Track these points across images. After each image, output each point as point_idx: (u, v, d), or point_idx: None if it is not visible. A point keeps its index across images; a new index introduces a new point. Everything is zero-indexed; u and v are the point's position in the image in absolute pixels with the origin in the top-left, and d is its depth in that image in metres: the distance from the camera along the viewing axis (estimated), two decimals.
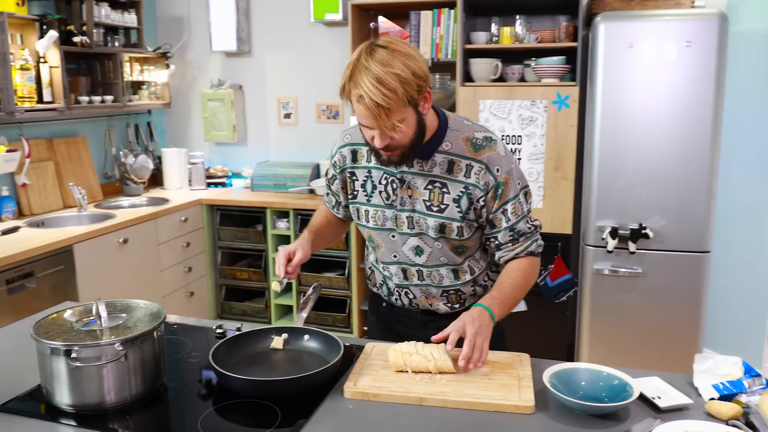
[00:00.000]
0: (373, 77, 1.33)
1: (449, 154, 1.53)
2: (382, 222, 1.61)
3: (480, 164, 1.51)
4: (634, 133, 2.97)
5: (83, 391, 1.28)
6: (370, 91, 1.33)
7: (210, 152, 4.50)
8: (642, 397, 1.31)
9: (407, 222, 1.58)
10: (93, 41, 3.51)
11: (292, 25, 4.12)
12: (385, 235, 1.63)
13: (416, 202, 1.56)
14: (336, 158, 1.68)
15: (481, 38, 3.35)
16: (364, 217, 1.64)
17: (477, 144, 1.53)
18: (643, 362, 3.09)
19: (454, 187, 1.53)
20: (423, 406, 1.30)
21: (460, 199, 1.53)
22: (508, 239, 1.57)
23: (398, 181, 1.56)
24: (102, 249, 3.12)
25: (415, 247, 1.60)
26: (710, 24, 2.78)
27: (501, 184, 1.52)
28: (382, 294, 1.75)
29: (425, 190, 1.55)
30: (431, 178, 1.54)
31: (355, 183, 1.64)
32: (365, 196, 1.62)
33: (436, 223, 1.54)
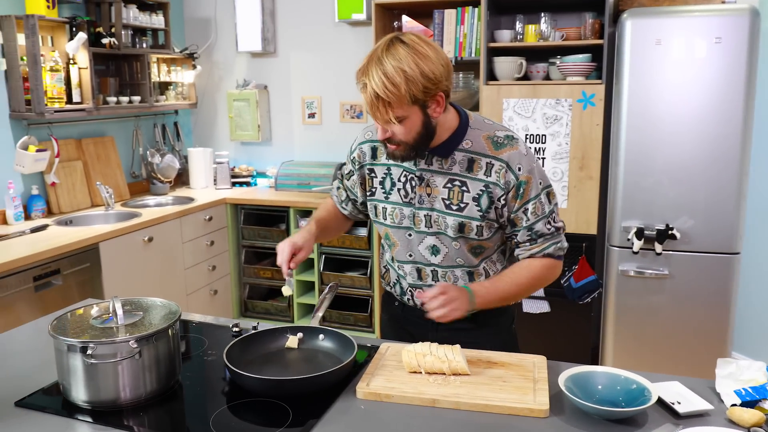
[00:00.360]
0: (381, 70, 1.34)
1: (469, 152, 1.51)
2: (400, 220, 1.60)
3: (501, 162, 1.49)
4: (661, 132, 2.90)
5: (99, 387, 1.29)
6: (373, 81, 1.35)
7: (235, 152, 4.54)
8: (661, 402, 1.28)
9: (425, 220, 1.56)
10: (121, 43, 3.57)
11: (316, 25, 4.13)
12: (401, 234, 1.61)
13: (435, 200, 1.54)
14: (355, 154, 1.68)
15: (506, 36, 3.31)
16: (381, 214, 1.63)
17: (498, 142, 1.51)
18: (669, 366, 3.02)
19: (474, 186, 1.51)
20: (435, 407, 1.29)
21: (480, 198, 1.51)
22: (525, 239, 1.55)
23: (417, 178, 1.55)
24: (127, 247, 3.17)
25: (432, 246, 1.58)
26: (741, 20, 2.70)
27: (523, 183, 1.49)
28: (395, 293, 1.74)
29: (444, 188, 1.53)
30: (450, 176, 1.52)
31: (373, 180, 1.64)
32: (383, 194, 1.62)
33: (455, 222, 1.53)
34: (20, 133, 3.25)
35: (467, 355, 1.45)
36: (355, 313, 3.85)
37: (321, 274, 3.89)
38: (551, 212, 1.55)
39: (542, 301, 3.35)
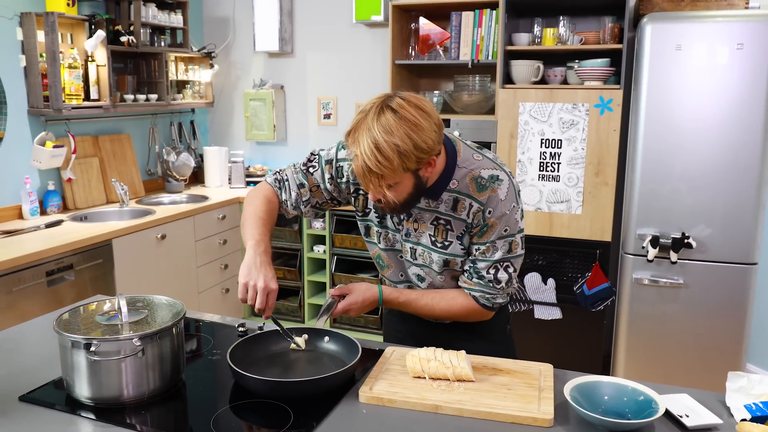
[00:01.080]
0: (372, 141, 1.30)
1: (454, 192, 1.50)
2: (392, 243, 1.63)
3: (479, 204, 1.49)
4: (680, 139, 2.86)
5: (102, 384, 1.29)
6: (364, 154, 1.31)
7: (250, 151, 4.55)
8: (669, 414, 1.25)
9: (410, 252, 1.60)
10: (140, 41, 3.60)
11: (334, 26, 4.13)
12: (394, 256, 1.65)
13: (421, 235, 1.56)
14: (346, 167, 1.61)
15: (523, 39, 3.28)
16: (375, 236, 1.65)
17: (481, 184, 1.48)
18: (682, 377, 2.98)
19: (458, 225, 1.52)
20: (438, 413, 1.27)
21: (463, 237, 1.53)
22: (466, 269, 1.57)
23: (405, 213, 1.56)
24: (140, 244, 3.19)
25: (417, 275, 1.63)
26: (764, 26, 2.65)
27: (488, 226, 1.49)
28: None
29: (431, 225, 1.55)
30: (437, 214, 1.53)
31: (367, 201, 1.62)
32: (377, 217, 1.62)
33: (440, 259, 1.56)
34: (38, 129, 3.28)
35: (472, 361, 1.43)
36: (365, 315, 3.84)
37: (333, 275, 3.89)
38: (501, 261, 1.52)
39: (554, 308, 3.32)
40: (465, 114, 3.48)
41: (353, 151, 1.34)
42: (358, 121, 1.35)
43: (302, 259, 3.96)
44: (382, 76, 4.00)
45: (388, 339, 1.81)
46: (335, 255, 3.88)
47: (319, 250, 3.94)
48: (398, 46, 3.57)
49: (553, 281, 3.27)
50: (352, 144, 1.35)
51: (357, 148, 1.33)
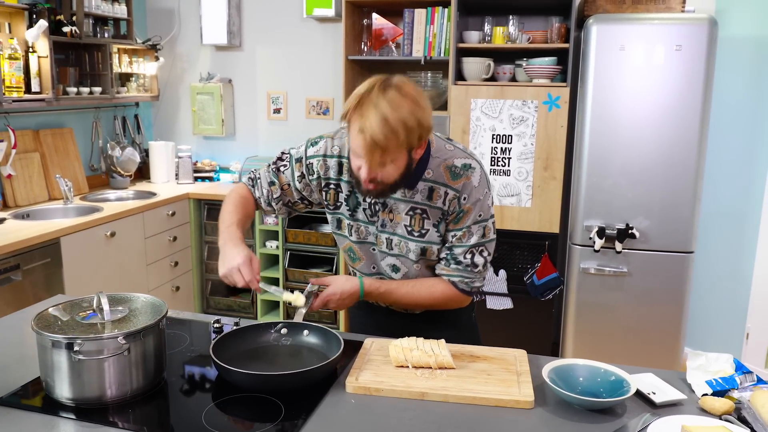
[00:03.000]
0: (380, 115, 1.34)
1: (430, 182, 1.56)
2: (365, 236, 1.65)
3: (455, 192, 1.55)
4: (622, 135, 3.01)
5: (84, 384, 1.27)
6: (372, 127, 1.34)
7: (198, 146, 4.47)
8: (638, 392, 1.34)
9: (386, 243, 1.63)
10: (82, 32, 3.47)
11: (283, 20, 4.11)
12: (366, 249, 1.67)
13: (397, 226, 1.60)
14: (315, 163, 1.63)
15: (474, 37, 3.37)
16: (346, 229, 1.66)
17: (455, 172, 1.55)
18: (627, 359, 3.14)
19: (434, 214, 1.57)
20: (424, 400, 1.32)
21: (439, 224, 1.58)
22: (443, 256, 1.62)
23: (380, 204, 1.60)
24: (89, 242, 3.09)
25: (392, 266, 1.66)
26: (700, 28, 2.83)
27: (463, 212, 1.56)
28: None
29: (407, 215, 1.58)
30: (413, 204, 1.57)
31: (338, 195, 1.65)
32: (348, 210, 1.64)
33: (417, 248, 1.60)
34: None
35: (451, 349, 1.48)
36: (319, 311, 3.84)
37: (286, 270, 3.88)
38: (477, 245, 1.58)
39: (506, 298, 3.43)
40: None
41: (358, 126, 1.36)
42: (360, 97, 1.37)
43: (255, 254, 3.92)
44: (334, 71, 4.01)
45: (354, 331, 1.83)
46: (288, 250, 3.87)
47: (272, 246, 3.92)
48: (351, 42, 3.59)
49: (504, 272, 3.38)
50: (358, 119, 1.36)
51: (364, 122, 1.35)
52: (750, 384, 1.35)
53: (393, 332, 1.63)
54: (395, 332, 1.62)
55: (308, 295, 1.58)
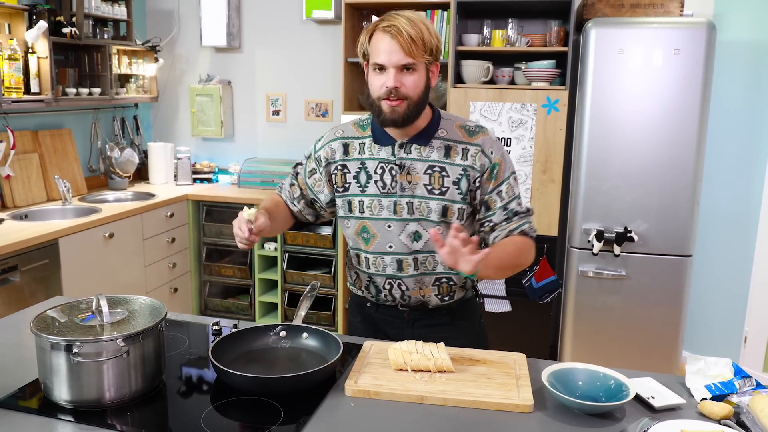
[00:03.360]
0: (407, 17, 1.47)
1: (445, 140, 1.59)
2: (378, 211, 1.63)
3: (476, 147, 1.58)
4: (621, 138, 3.02)
5: (83, 386, 1.27)
6: (401, 23, 1.45)
7: (196, 147, 4.47)
8: (637, 397, 1.34)
9: (407, 208, 1.60)
10: (82, 33, 3.47)
11: (283, 22, 4.11)
12: (381, 225, 1.64)
13: (416, 187, 1.59)
14: (322, 152, 1.69)
15: (473, 40, 3.37)
16: (357, 208, 1.65)
17: (470, 130, 1.62)
18: (625, 363, 3.14)
19: (453, 170, 1.58)
20: (424, 404, 1.31)
21: (460, 181, 1.58)
22: (502, 218, 1.62)
23: (397, 167, 1.59)
24: (88, 243, 3.09)
25: (414, 233, 1.61)
26: (698, 32, 2.83)
27: (496, 165, 1.59)
28: (368, 296, 1.74)
29: (425, 174, 1.59)
30: (430, 162, 1.59)
31: (346, 175, 1.65)
32: (359, 187, 1.64)
33: (438, 206, 1.58)
34: None
35: (450, 353, 1.48)
36: (318, 312, 3.85)
37: (284, 272, 3.88)
38: (519, 195, 1.65)
39: (504, 301, 3.43)
40: None
41: (384, 25, 1.47)
42: (378, 20, 1.52)
43: (253, 256, 3.93)
44: (333, 73, 4.02)
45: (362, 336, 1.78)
46: (287, 252, 3.87)
47: (270, 248, 3.92)
48: (350, 44, 3.59)
49: None
50: (383, 22, 1.48)
51: (391, 21, 1.47)
52: (749, 388, 1.35)
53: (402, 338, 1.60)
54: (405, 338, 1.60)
55: (312, 286, 1.70)
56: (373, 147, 1.63)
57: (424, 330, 1.68)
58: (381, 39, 1.47)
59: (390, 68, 1.47)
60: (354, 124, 1.70)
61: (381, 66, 1.48)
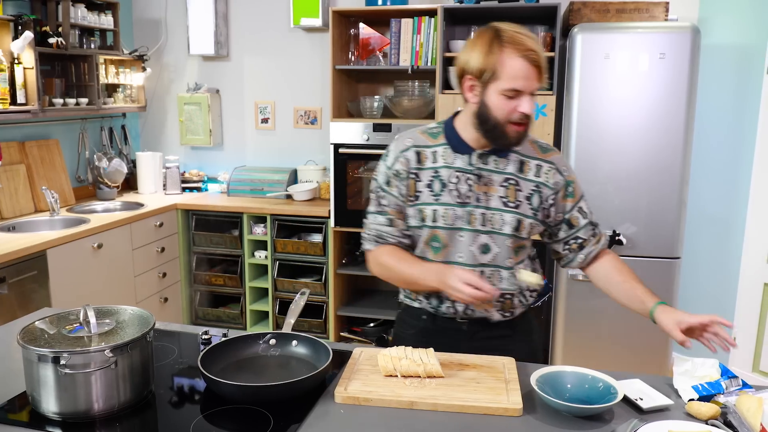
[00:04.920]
0: (532, 38, 1.45)
1: (520, 154, 1.60)
2: (453, 221, 1.59)
3: (550, 164, 1.60)
4: (608, 142, 3.04)
5: (71, 398, 1.26)
6: (537, 48, 1.44)
7: (185, 156, 4.46)
8: (625, 398, 1.35)
9: (480, 219, 1.58)
10: (68, 43, 3.46)
11: (271, 30, 4.12)
12: (452, 235, 1.60)
13: (491, 198, 1.58)
14: (398, 165, 1.62)
15: (460, 47, 3.38)
16: (430, 217, 1.59)
17: (543, 147, 1.64)
18: (615, 365, 3.16)
19: (526, 185, 1.59)
20: (413, 409, 1.32)
21: (532, 197, 1.59)
22: (590, 234, 1.66)
23: (475, 177, 1.58)
24: (76, 254, 3.07)
25: (483, 245, 1.59)
26: (683, 37, 2.87)
27: (570, 182, 1.62)
28: (428, 306, 1.68)
29: (501, 186, 1.58)
30: (505, 175, 1.58)
31: (417, 184, 1.61)
32: (432, 196, 1.60)
33: (513, 219, 1.58)
34: None
35: (440, 358, 1.48)
36: (309, 320, 3.84)
37: (275, 280, 3.87)
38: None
39: None
40: (405, 119, 3.56)
41: (523, 50, 1.43)
42: (492, 38, 1.46)
43: (243, 265, 3.92)
44: (321, 80, 4.02)
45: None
46: (277, 260, 3.86)
47: (261, 256, 3.91)
48: (338, 51, 3.60)
49: None
50: (519, 44, 1.43)
51: (530, 44, 1.44)
52: (736, 388, 1.36)
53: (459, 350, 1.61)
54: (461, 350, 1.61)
55: (302, 294, 1.72)
56: (448, 155, 1.59)
57: (482, 342, 1.65)
58: (519, 64, 1.42)
59: (526, 94, 1.45)
60: (422, 132, 1.65)
61: (517, 91, 1.44)
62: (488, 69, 1.45)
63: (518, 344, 1.67)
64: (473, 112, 1.53)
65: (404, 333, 1.76)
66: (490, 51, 1.44)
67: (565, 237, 1.67)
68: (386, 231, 1.65)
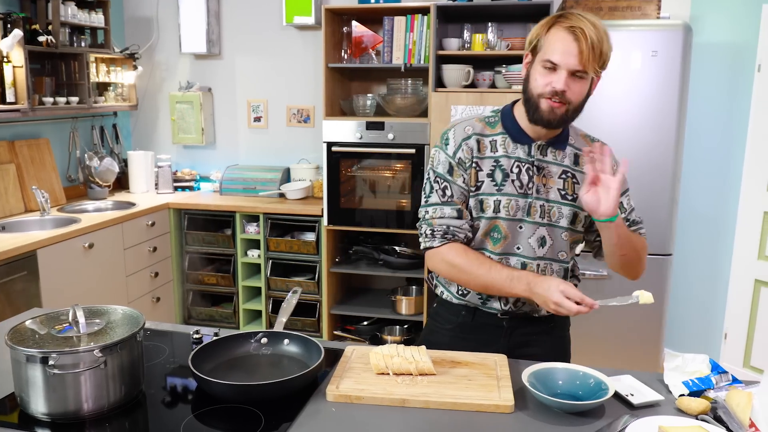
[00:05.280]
0: (593, 22, 1.41)
1: (574, 147, 1.61)
2: (514, 212, 1.57)
3: None
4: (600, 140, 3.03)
5: (60, 399, 1.25)
6: (587, 27, 1.39)
7: (177, 155, 4.44)
8: (616, 394, 1.35)
9: (540, 211, 1.57)
10: (59, 41, 3.44)
11: (263, 28, 4.10)
12: (513, 226, 1.58)
13: (550, 191, 1.57)
14: (461, 153, 1.57)
15: (454, 45, 3.39)
16: (492, 207, 1.56)
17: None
18: (608, 362, 3.16)
19: (581, 179, 1.58)
20: (405, 407, 1.31)
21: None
22: (631, 219, 1.67)
23: (535, 168, 1.56)
24: (67, 254, 3.05)
25: (541, 238, 1.58)
26: (675, 35, 2.87)
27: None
28: (470, 302, 1.65)
29: (559, 179, 1.58)
30: (564, 168, 1.58)
31: (478, 174, 1.57)
32: (494, 186, 1.56)
33: (570, 212, 1.58)
34: None
35: (432, 355, 1.48)
36: (302, 318, 3.83)
37: (268, 279, 3.86)
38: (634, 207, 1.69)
39: None
40: (398, 116, 3.55)
41: (569, 24, 1.41)
42: (558, 13, 1.47)
43: (236, 264, 3.91)
44: (314, 78, 4.01)
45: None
46: (270, 259, 3.85)
47: (254, 255, 3.90)
48: (331, 50, 3.59)
49: None
50: (568, 20, 1.42)
51: (578, 22, 1.40)
52: (725, 384, 1.37)
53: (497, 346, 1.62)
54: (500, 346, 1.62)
55: (294, 293, 1.70)
56: (508, 144, 1.57)
57: (520, 338, 1.64)
58: (562, 37, 1.41)
59: (562, 70, 1.42)
60: (480, 120, 1.61)
61: (553, 65, 1.43)
62: (536, 40, 1.47)
63: (556, 340, 1.66)
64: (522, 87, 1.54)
65: (440, 328, 1.73)
66: (545, 24, 1.46)
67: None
68: (456, 225, 1.57)
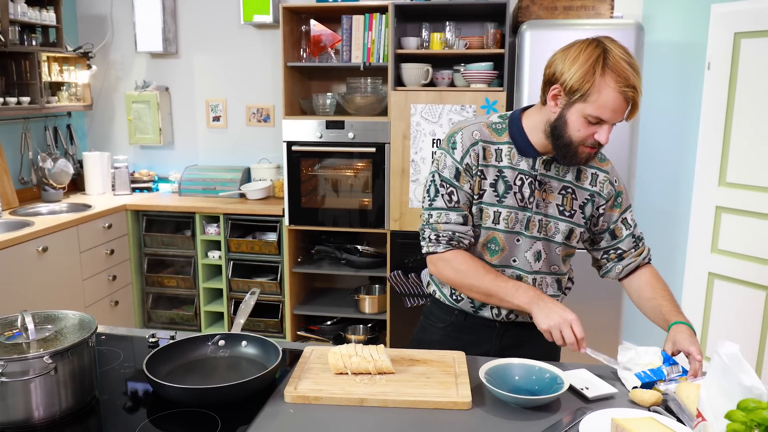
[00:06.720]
0: (636, 75, 1.38)
1: None
2: (513, 224, 1.56)
3: (605, 174, 1.59)
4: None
5: (10, 407, 1.22)
6: (638, 85, 1.37)
7: (135, 156, 4.35)
8: (572, 388, 1.37)
9: (538, 225, 1.56)
10: (8, 40, 3.33)
11: (221, 27, 4.05)
12: (511, 239, 1.57)
13: (549, 205, 1.57)
14: (468, 159, 1.53)
15: (412, 43, 3.40)
16: (492, 218, 1.55)
17: (600, 156, 1.61)
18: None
19: (581, 194, 1.58)
20: (364, 406, 1.31)
21: (585, 206, 1.58)
22: (631, 246, 1.66)
23: (537, 182, 1.55)
24: (20, 258, 2.96)
25: (537, 253, 1.58)
26: (628, 34, 2.94)
27: (620, 193, 1.62)
28: (464, 307, 1.65)
29: (559, 194, 1.57)
30: (564, 183, 1.57)
31: (482, 182, 1.55)
32: (496, 197, 1.55)
33: (566, 228, 1.57)
34: None
35: (390, 354, 1.49)
36: (265, 319, 3.80)
37: (229, 281, 3.81)
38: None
39: None
40: (358, 115, 3.55)
41: (625, 85, 1.35)
42: (598, 58, 1.37)
43: (196, 266, 3.85)
44: (273, 77, 3.98)
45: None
46: (231, 260, 3.81)
47: (214, 256, 3.85)
48: (289, 48, 3.57)
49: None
50: (628, 78, 1.35)
51: (634, 81, 1.36)
52: (676, 375, 1.41)
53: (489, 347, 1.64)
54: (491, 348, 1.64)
55: (252, 294, 1.61)
56: (513, 155, 1.54)
57: (512, 339, 1.66)
58: (613, 97, 1.36)
59: (608, 125, 1.41)
60: (487, 126, 1.57)
61: (601, 120, 1.40)
62: (581, 89, 1.38)
63: (548, 341, 1.62)
64: (548, 120, 1.48)
65: (433, 326, 1.74)
66: (591, 72, 1.36)
67: (606, 246, 1.67)
68: (461, 231, 1.55)
